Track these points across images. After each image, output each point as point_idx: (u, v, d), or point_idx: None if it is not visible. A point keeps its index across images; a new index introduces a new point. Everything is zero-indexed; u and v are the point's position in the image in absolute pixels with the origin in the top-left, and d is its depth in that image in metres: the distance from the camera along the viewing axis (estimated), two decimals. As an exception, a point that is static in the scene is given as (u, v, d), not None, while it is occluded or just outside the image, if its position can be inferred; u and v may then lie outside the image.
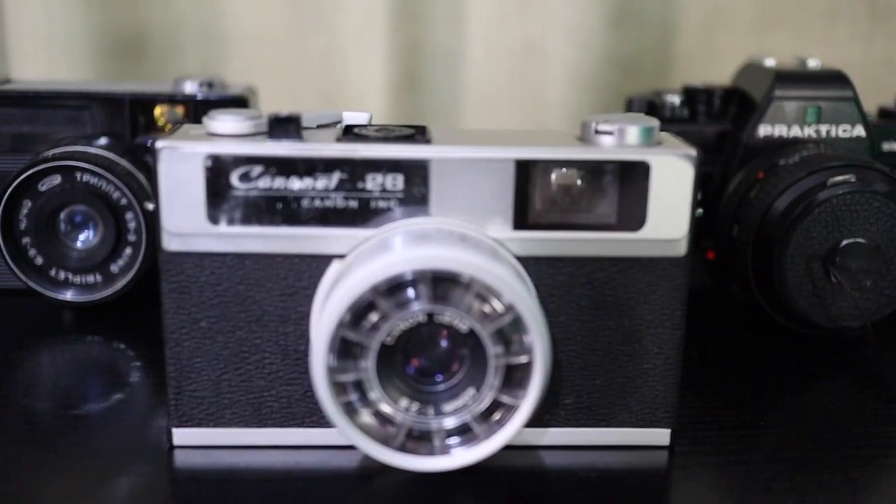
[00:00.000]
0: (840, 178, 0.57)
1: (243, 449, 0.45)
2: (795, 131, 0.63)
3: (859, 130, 0.63)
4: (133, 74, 0.90)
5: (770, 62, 0.66)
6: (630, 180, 0.43)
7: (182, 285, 0.43)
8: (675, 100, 0.67)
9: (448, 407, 0.41)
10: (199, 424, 0.45)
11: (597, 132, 0.44)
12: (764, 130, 0.63)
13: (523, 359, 0.40)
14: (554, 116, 0.95)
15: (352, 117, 0.47)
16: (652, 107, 0.67)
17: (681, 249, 0.44)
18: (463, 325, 0.40)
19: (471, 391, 0.41)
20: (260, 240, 0.43)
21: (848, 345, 0.60)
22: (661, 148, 0.43)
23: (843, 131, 0.63)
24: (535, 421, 0.45)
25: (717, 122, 0.67)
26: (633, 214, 0.43)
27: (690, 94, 0.68)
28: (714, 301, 0.66)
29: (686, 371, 0.46)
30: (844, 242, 0.56)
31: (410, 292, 0.40)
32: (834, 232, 0.56)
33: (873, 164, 0.59)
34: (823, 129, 0.63)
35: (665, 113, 0.67)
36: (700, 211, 0.45)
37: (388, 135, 0.44)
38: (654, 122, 0.44)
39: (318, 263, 0.43)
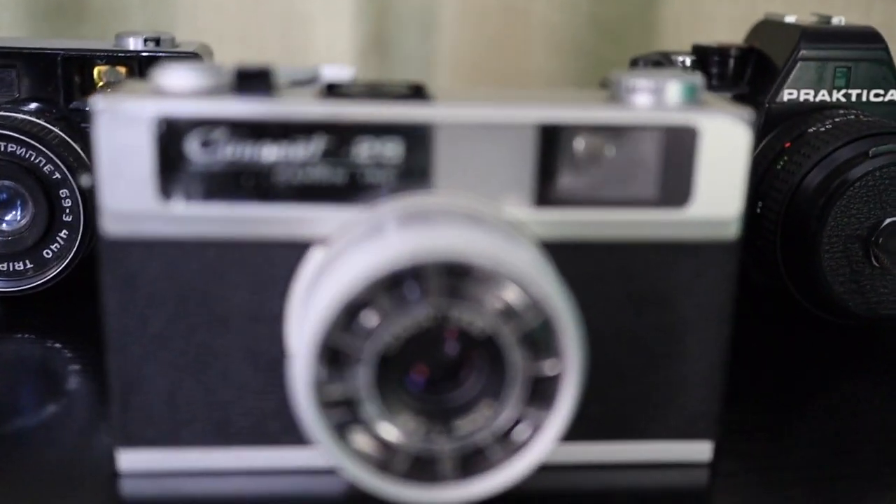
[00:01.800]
0: (882, 147, 0.50)
1: (204, 476, 0.37)
2: (823, 95, 0.56)
3: (894, 95, 0.56)
4: (72, 35, 0.81)
5: (791, 19, 0.59)
6: (674, 147, 0.36)
7: (127, 279, 0.35)
8: (686, 61, 0.59)
9: (460, 427, 0.34)
10: (150, 445, 0.37)
11: (631, 90, 0.36)
12: (788, 94, 0.56)
13: (553, 369, 0.33)
14: (534, 85, 0.88)
15: (332, 73, 0.39)
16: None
17: (732, 232, 0.37)
18: (478, 329, 0.32)
19: (488, 407, 0.33)
20: (224, 222, 0.35)
21: (889, 337, 0.53)
22: (709, 109, 0.36)
23: (876, 95, 0.56)
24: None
25: (732, 85, 0.60)
26: (677, 187, 0.36)
27: (702, 55, 0.60)
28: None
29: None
30: (888, 221, 0.50)
31: (414, 288, 0.32)
32: (876, 209, 0.50)
33: (916, 131, 0.52)
34: (854, 93, 0.56)
35: (675, 75, 0.59)
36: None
37: (382, 92, 0.36)
38: (698, 79, 0.37)
39: (297, 251, 0.35)
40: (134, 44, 0.56)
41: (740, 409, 0.45)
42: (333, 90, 0.36)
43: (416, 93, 0.36)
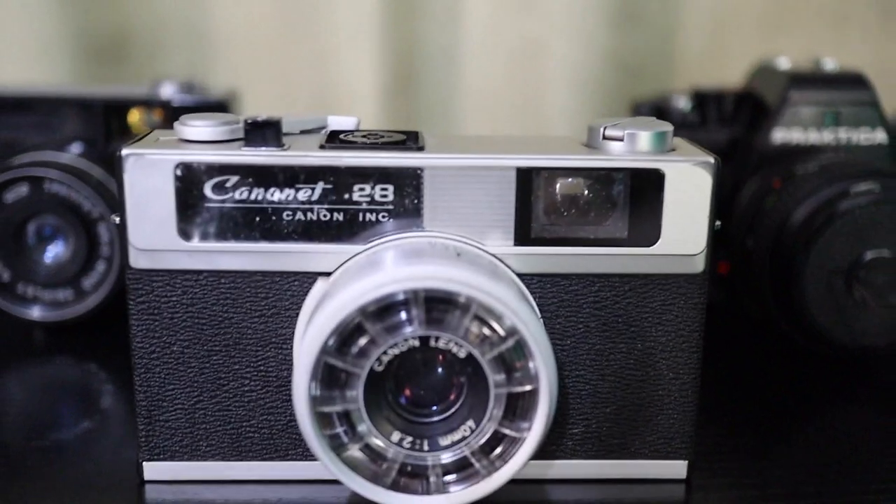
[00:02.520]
0: (863, 186, 0.53)
1: (221, 483, 0.41)
2: (813, 137, 0.59)
3: (881, 136, 0.59)
4: (114, 78, 0.86)
5: (784, 63, 0.63)
6: (642, 190, 0.39)
7: (152, 306, 0.40)
8: (685, 104, 0.63)
9: (445, 440, 0.37)
10: (171, 457, 0.41)
11: (605, 138, 0.40)
12: (779, 136, 0.59)
13: (527, 387, 0.36)
14: (555, 120, 0.91)
15: (338, 122, 0.44)
16: (659, 111, 0.63)
17: (698, 266, 0.40)
18: (461, 351, 0.36)
19: (470, 423, 0.37)
20: (237, 256, 0.39)
21: (873, 366, 0.56)
22: (675, 154, 0.39)
23: (864, 137, 0.59)
24: (540, 452, 0.41)
25: (728, 127, 0.63)
26: (646, 228, 0.39)
27: (700, 98, 0.64)
28: (726, 318, 0.62)
29: (703, 390, 0.42)
30: (868, 256, 0.52)
31: (402, 314, 0.36)
32: (857, 245, 0.52)
33: (896, 171, 0.55)
34: (842, 134, 0.59)
35: (674, 118, 0.63)
36: (718, 224, 0.41)
37: (376, 141, 0.40)
38: (668, 127, 0.40)
39: (302, 282, 0.40)
40: (167, 90, 0.61)
41: (723, 433, 0.48)
42: (334, 139, 0.40)
43: (409, 141, 0.40)
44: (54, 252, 0.57)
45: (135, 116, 0.60)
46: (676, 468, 0.42)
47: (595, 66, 0.91)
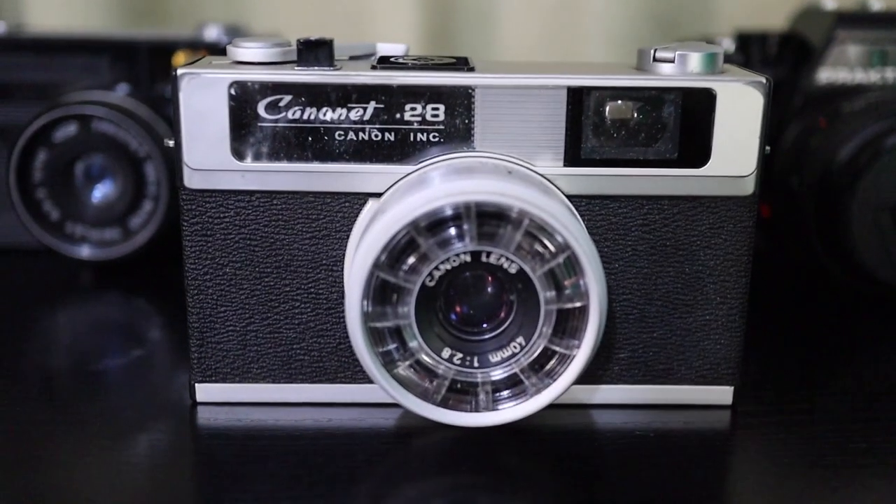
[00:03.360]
0: (910, 122, 0.53)
1: (271, 406, 0.42)
2: (859, 76, 0.59)
3: (928, 75, 0.58)
4: (153, 24, 0.87)
5: (830, 4, 0.62)
6: (693, 111, 0.39)
7: (205, 227, 0.40)
8: (728, 45, 0.63)
9: (495, 357, 0.38)
10: (223, 379, 0.42)
11: (655, 59, 0.40)
12: (824, 76, 0.59)
13: (578, 304, 0.36)
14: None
15: (387, 48, 0.44)
16: (703, 53, 0.63)
17: (748, 188, 0.40)
18: (512, 266, 0.36)
19: (520, 339, 0.37)
20: (289, 176, 0.39)
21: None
22: (727, 75, 0.39)
23: (912, 76, 0.58)
24: (587, 377, 0.41)
25: (772, 68, 0.62)
26: (696, 149, 0.39)
27: (744, 40, 0.63)
28: (769, 263, 0.61)
29: (749, 327, 0.42)
30: (916, 192, 0.52)
31: (453, 229, 0.36)
32: (903, 181, 0.52)
33: (945, 109, 0.55)
34: (890, 73, 0.58)
35: (717, 60, 0.62)
36: (768, 148, 0.41)
37: (428, 64, 0.40)
38: (719, 49, 0.40)
39: (352, 203, 0.40)
40: (212, 33, 0.61)
41: (771, 364, 0.48)
42: (385, 61, 0.40)
43: (459, 63, 0.40)
44: (102, 191, 0.58)
45: (180, 59, 0.60)
46: (723, 394, 0.42)
47: (633, 21, 0.90)
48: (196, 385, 0.42)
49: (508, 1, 0.90)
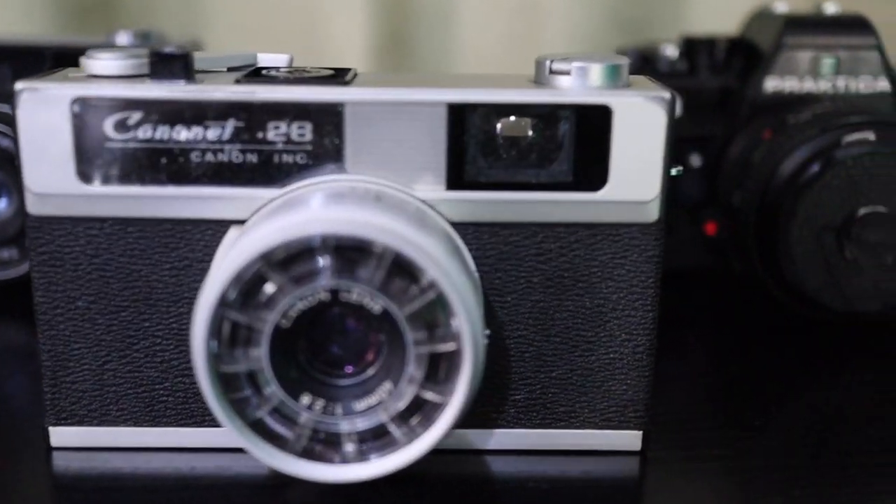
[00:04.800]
0: (857, 136, 0.49)
1: (132, 451, 0.38)
2: (808, 85, 0.55)
3: (883, 84, 0.54)
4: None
5: (782, 7, 0.58)
6: (588, 129, 0.35)
7: (54, 257, 0.36)
8: (672, 51, 0.59)
9: (359, 405, 0.34)
10: (80, 422, 0.38)
11: (552, 72, 0.36)
12: (772, 84, 0.55)
13: (449, 346, 0.33)
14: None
15: (268, 59, 0.40)
16: (645, 60, 0.59)
17: (652, 214, 0.36)
18: (375, 305, 0.32)
19: (388, 385, 0.34)
20: (143, 202, 0.36)
21: (865, 332, 0.52)
22: (627, 90, 0.35)
23: (864, 85, 0.54)
24: (479, 421, 0.38)
25: (720, 76, 0.59)
26: (592, 171, 0.36)
27: (690, 46, 0.59)
28: (714, 282, 0.58)
29: (670, 361, 0.38)
30: (862, 211, 0.48)
31: (310, 263, 0.32)
32: (849, 199, 0.48)
33: (897, 121, 0.51)
34: (841, 82, 0.54)
35: (660, 66, 0.58)
36: (679, 169, 0.37)
37: (300, 76, 0.36)
38: (623, 60, 0.36)
39: (215, 230, 0.36)
40: (122, 40, 0.57)
41: (694, 401, 0.44)
42: (253, 74, 0.37)
43: (338, 76, 0.37)
44: (-3, 208, 0.54)
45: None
46: (630, 439, 0.39)
47: (597, 24, 0.87)
48: (50, 428, 0.38)
49: (469, 4, 0.86)
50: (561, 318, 0.37)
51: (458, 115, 0.35)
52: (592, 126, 0.35)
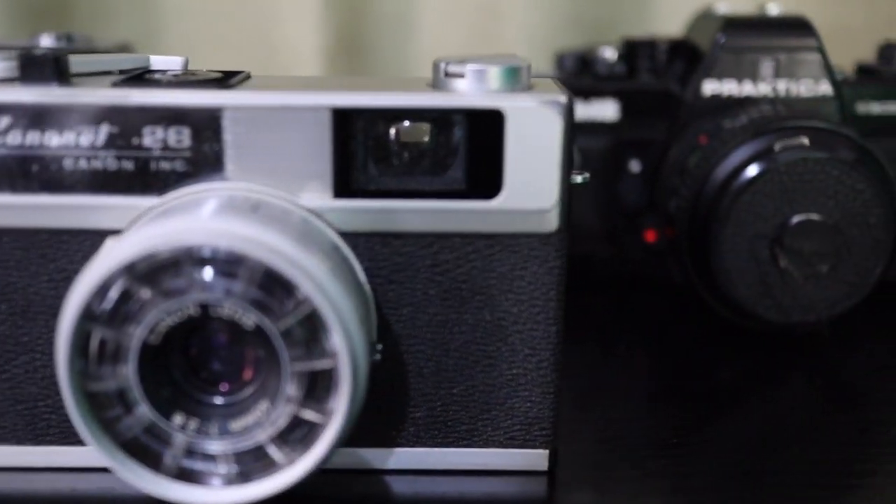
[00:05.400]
0: (791, 141, 0.47)
1: (13, 472, 0.36)
2: (748, 88, 0.53)
3: (825, 87, 0.53)
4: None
5: (723, 8, 0.56)
6: (480, 135, 0.33)
7: (-75, 268, 0.35)
8: (612, 54, 0.57)
9: (236, 424, 0.32)
10: (-43, 441, 0.36)
11: (447, 75, 0.34)
12: (710, 87, 0.53)
13: (327, 364, 0.31)
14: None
15: (161, 62, 0.38)
16: (584, 63, 0.57)
17: (551, 223, 0.34)
18: (248, 321, 0.31)
19: (264, 405, 0.32)
20: (16, 211, 0.34)
21: (799, 343, 0.50)
22: (522, 94, 0.34)
23: (806, 88, 0.53)
24: (378, 439, 0.36)
25: (660, 78, 0.57)
26: (485, 179, 0.34)
27: (630, 48, 0.58)
28: (649, 292, 0.56)
29: (594, 374, 0.37)
30: (795, 220, 0.46)
31: (178, 277, 0.30)
32: (783, 207, 0.46)
33: (835, 126, 0.49)
34: (781, 85, 0.53)
35: (599, 69, 0.57)
36: (586, 175, 0.35)
37: (184, 80, 0.35)
38: (523, 63, 0.35)
39: (93, 240, 0.34)
40: (45, 42, 0.56)
41: (611, 418, 0.42)
42: (135, 78, 0.35)
43: (221, 80, 0.35)
44: None
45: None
46: (536, 458, 0.37)
47: (556, 28, 0.85)
48: (-74, 448, 0.36)
49: (425, 8, 0.85)
50: (460, 332, 0.35)
51: (344, 120, 0.33)
52: (485, 131, 0.33)
